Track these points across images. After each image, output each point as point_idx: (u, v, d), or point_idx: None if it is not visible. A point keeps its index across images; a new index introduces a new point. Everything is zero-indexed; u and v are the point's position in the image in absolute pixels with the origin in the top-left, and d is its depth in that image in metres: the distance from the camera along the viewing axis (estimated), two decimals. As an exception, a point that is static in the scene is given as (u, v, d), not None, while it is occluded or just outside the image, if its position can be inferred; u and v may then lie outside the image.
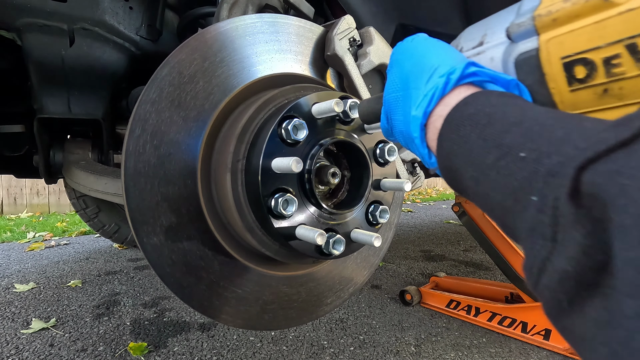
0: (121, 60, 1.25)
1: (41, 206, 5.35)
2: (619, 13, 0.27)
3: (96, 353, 1.44)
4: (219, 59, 0.69)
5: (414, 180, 0.95)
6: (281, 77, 0.76)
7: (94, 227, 2.77)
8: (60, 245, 3.28)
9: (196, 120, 0.67)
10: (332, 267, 0.87)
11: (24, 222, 4.40)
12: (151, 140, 0.63)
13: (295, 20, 0.79)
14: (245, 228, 0.67)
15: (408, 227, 4.47)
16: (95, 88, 1.29)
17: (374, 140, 0.74)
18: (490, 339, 1.66)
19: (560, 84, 0.31)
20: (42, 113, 1.25)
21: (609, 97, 0.29)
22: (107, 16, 1.14)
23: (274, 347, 1.51)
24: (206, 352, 1.46)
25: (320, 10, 1.31)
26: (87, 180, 1.36)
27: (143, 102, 0.62)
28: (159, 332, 1.63)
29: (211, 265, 0.70)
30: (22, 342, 1.53)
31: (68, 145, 1.53)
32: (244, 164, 0.65)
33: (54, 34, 1.10)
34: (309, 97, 0.65)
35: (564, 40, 0.30)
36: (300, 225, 0.63)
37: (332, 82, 0.85)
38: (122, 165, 0.61)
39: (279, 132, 0.62)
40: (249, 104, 0.71)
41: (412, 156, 0.92)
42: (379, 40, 0.84)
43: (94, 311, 1.84)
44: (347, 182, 0.76)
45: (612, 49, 0.28)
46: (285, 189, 0.62)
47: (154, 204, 0.63)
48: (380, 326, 1.76)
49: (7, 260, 2.77)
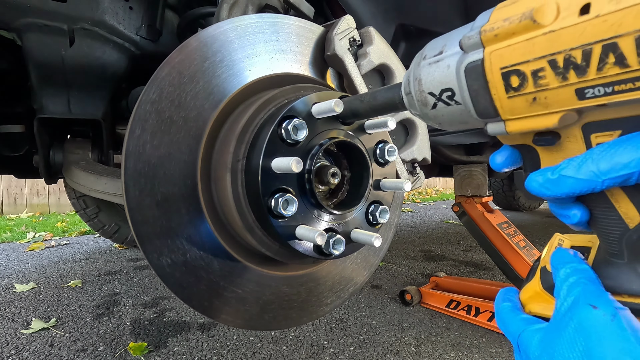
0: (121, 60, 1.25)
1: (41, 206, 5.35)
2: (543, 33, 0.32)
3: (96, 353, 1.45)
4: (219, 59, 0.69)
5: (414, 180, 0.95)
6: (281, 77, 0.76)
7: (94, 227, 2.77)
8: (60, 245, 3.28)
9: (196, 120, 0.67)
10: (332, 267, 0.87)
11: (24, 222, 4.40)
12: (151, 140, 0.63)
13: (295, 20, 0.79)
14: (245, 228, 0.67)
15: (408, 227, 4.47)
16: (95, 88, 1.29)
17: (374, 140, 0.74)
18: (490, 339, 1.66)
19: (500, 91, 0.35)
20: (42, 113, 1.25)
21: (537, 105, 0.34)
22: (107, 16, 1.14)
23: (274, 347, 1.51)
24: (206, 352, 1.46)
25: (320, 10, 1.31)
26: (87, 180, 1.36)
27: (143, 102, 0.62)
28: (159, 332, 1.63)
29: (211, 265, 0.70)
30: (22, 342, 1.53)
31: (68, 145, 1.53)
32: (244, 164, 0.65)
33: (54, 34, 1.10)
34: (309, 97, 0.65)
35: (502, 53, 0.34)
36: (300, 226, 0.63)
37: (332, 82, 0.85)
38: (122, 165, 0.61)
39: (279, 132, 0.62)
40: (249, 104, 0.71)
41: (412, 156, 0.92)
42: (379, 40, 0.84)
43: (94, 311, 1.84)
44: (347, 182, 0.76)
45: (538, 63, 0.32)
46: (285, 189, 0.62)
47: (154, 204, 0.63)
48: (380, 326, 1.76)
49: (7, 260, 2.77)
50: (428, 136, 0.95)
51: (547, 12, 0.32)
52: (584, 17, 0.29)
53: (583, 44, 0.30)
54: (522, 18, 0.33)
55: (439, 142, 1.65)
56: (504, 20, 0.34)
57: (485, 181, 2.46)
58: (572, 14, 0.30)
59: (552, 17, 0.31)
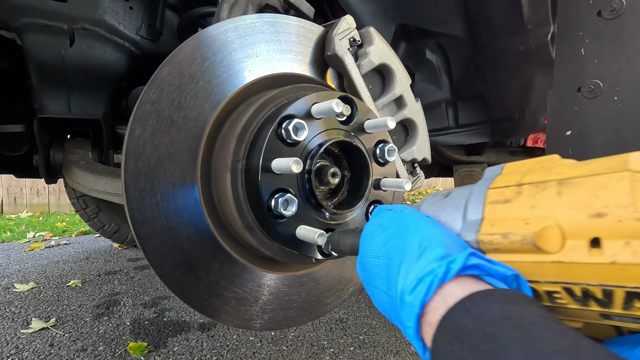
0: (121, 60, 1.25)
1: (41, 206, 5.35)
2: (551, 261, 0.29)
3: (96, 353, 1.45)
4: (219, 59, 0.69)
5: (414, 180, 0.95)
6: (281, 77, 0.76)
7: (94, 227, 2.77)
8: (60, 245, 3.28)
9: (196, 120, 0.67)
10: (332, 267, 0.87)
11: (24, 222, 4.40)
12: (151, 140, 0.63)
13: (296, 20, 0.79)
14: (245, 228, 0.67)
15: (408, 227, 4.46)
16: (95, 88, 1.29)
17: (373, 140, 0.74)
18: (490, 339, 1.66)
19: None
20: (42, 113, 1.25)
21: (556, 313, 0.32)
22: (107, 16, 1.14)
23: (274, 347, 1.51)
24: (206, 352, 1.46)
25: (320, 10, 1.31)
26: (87, 180, 1.36)
27: (143, 102, 0.62)
28: (159, 332, 1.63)
29: (211, 265, 0.70)
30: (22, 341, 1.53)
31: (68, 145, 1.53)
32: (244, 164, 0.64)
33: (54, 33, 1.10)
34: (309, 97, 0.65)
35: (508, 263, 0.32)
36: (301, 226, 0.63)
37: (332, 82, 0.85)
38: (122, 165, 0.61)
39: (278, 132, 0.62)
40: (249, 104, 0.71)
41: (412, 156, 0.92)
42: (379, 41, 0.84)
43: (94, 311, 1.84)
44: (347, 182, 0.76)
45: (551, 286, 0.30)
46: (285, 189, 0.62)
47: (154, 204, 0.63)
48: (380, 326, 1.76)
49: (7, 260, 2.78)
50: (428, 136, 0.95)
51: (550, 238, 0.29)
52: (598, 257, 0.27)
53: (602, 283, 0.27)
54: (524, 242, 0.30)
55: (439, 142, 1.65)
56: (503, 236, 0.32)
57: (485, 181, 2.46)
58: (582, 247, 0.28)
59: (558, 245, 0.29)
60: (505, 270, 0.32)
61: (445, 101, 1.55)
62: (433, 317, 0.31)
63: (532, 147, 2.17)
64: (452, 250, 0.34)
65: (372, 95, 0.86)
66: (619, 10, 0.83)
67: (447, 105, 1.56)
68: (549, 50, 1.19)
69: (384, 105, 0.88)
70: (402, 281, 0.35)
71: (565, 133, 0.93)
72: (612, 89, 0.86)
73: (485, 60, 1.34)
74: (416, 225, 0.39)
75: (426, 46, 1.41)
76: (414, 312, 0.33)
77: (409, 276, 0.35)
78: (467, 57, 1.36)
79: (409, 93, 0.90)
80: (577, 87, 0.91)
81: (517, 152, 2.46)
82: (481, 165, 2.43)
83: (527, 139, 2.00)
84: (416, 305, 0.33)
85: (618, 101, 0.86)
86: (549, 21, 1.15)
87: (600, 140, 0.89)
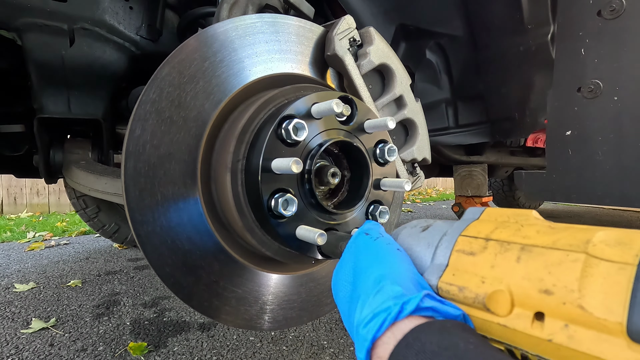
0: (121, 60, 1.25)
1: (41, 206, 5.35)
2: (497, 323, 0.31)
3: (96, 353, 1.44)
4: (219, 59, 0.69)
5: (414, 180, 0.95)
6: (281, 77, 0.76)
7: (94, 227, 2.77)
8: (60, 245, 3.28)
9: (196, 120, 0.67)
10: (332, 268, 0.87)
11: (24, 222, 4.40)
12: (151, 140, 0.63)
13: (296, 20, 0.79)
14: (245, 228, 0.67)
15: (408, 227, 4.45)
16: (95, 88, 1.29)
17: (373, 140, 0.74)
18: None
19: None
20: (42, 113, 1.25)
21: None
22: (107, 16, 1.14)
23: (274, 347, 1.51)
24: (206, 352, 1.46)
25: (320, 10, 1.31)
26: (87, 180, 1.36)
27: (143, 102, 0.62)
28: (159, 332, 1.63)
29: (211, 265, 0.70)
30: (22, 341, 1.52)
31: (68, 145, 1.53)
32: (243, 164, 0.64)
33: (54, 33, 1.10)
34: (309, 97, 0.65)
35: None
36: (300, 226, 0.63)
37: (332, 82, 0.85)
38: (122, 165, 0.61)
39: (278, 133, 0.62)
40: (249, 104, 0.71)
41: (412, 156, 0.92)
42: (379, 41, 0.84)
43: (94, 311, 1.84)
44: (347, 182, 0.76)
45: (496, 344, 0.32)
46: (285, 189, 0.62)
47: (153, 204, 0.63)
48: (380, 326, 1.76)
49: (7, 260, 2.78)
50: (428, 136, 0.95)
51: (500, 302, 0.31)
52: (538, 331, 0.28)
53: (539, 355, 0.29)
54: (476, 300, 0.32)
55: (439, 142, 1.65)
56: (459, 289, 0.34)
57: (485, 181, 2.46)
58: (526, 317, 0.29)
59: (506, 310, 0.31)
60: (454, 310, 0.34)
61: (445, 101, 1.55)
62: (383, 352, 0.33)
63: (532, 147, 2.17)
64: (410, 290, 0.36)
65: (372, 95, 0.86)
66: (619, 10, 0.83)
67: (447, 105, 1.56)
68: (549, 50, 1.19)
69: (384, 105, 0.88)
70: (359, 313, 0.37)
71: (565, 133, 0.93)
72: (612, 89, 0.86)
73: (485, 60, 1.34)
74: (384, 258, 0.41)
75: (426, 46, 1.41)
76: (365, 345, 0.35)
77: (364, 309, 0.37)
78: (467, 57, 1.37)
79: (409, 93, 0.90)
80: (577, 87, 0.91)
81: (517, 152, 2.46)
82: (481, 165, 2.43)
83: (527, 139, 2.00)
84: (368, 339, 0.35)
85: (618, 101, 0.86)
86: (549, 21, 1.16)
87: (600, 140, 0.89)
